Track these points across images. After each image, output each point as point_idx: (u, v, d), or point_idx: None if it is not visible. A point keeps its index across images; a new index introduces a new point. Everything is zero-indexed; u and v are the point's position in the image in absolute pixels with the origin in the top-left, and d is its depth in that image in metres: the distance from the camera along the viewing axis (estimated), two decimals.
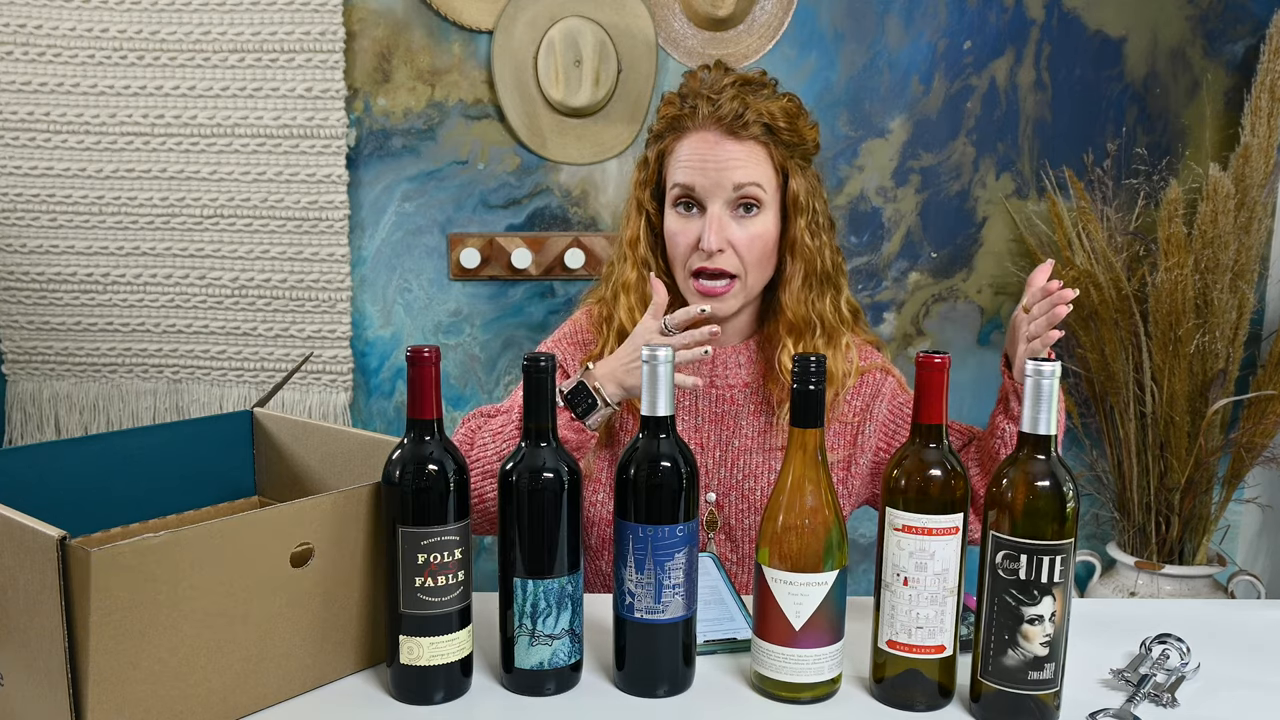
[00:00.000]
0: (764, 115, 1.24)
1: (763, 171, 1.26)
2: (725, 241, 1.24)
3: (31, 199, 2.11)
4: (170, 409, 2.21)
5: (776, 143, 1.26)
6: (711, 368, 1.33)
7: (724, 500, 1.32)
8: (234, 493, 1.23)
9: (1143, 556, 2.06)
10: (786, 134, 1.26)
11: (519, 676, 0.96)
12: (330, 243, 2.13)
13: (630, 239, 1.33)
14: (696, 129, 1.26)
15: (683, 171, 1.26)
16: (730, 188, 1.24)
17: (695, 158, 1.25)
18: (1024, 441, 0.90)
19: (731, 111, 1.23)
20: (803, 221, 1.29)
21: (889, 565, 0.93)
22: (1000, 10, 2.12)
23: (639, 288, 1.31)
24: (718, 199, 1.24)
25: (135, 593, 0.80)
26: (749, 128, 1.24)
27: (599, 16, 2.08)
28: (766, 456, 1.31)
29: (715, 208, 1.24)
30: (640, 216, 1.32)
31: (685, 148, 1.26)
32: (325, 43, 2.05)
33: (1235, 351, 2.00)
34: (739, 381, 1.33)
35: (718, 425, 1.33)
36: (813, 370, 0.92)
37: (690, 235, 1.26)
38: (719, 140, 1.24)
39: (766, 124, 1.24)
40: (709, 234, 1.23)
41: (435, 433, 0.93)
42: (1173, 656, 1.03)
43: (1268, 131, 1.99)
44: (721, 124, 1.24)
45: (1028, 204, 2.18)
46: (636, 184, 1.34)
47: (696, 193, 1.25)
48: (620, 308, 1.31)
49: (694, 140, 1.26)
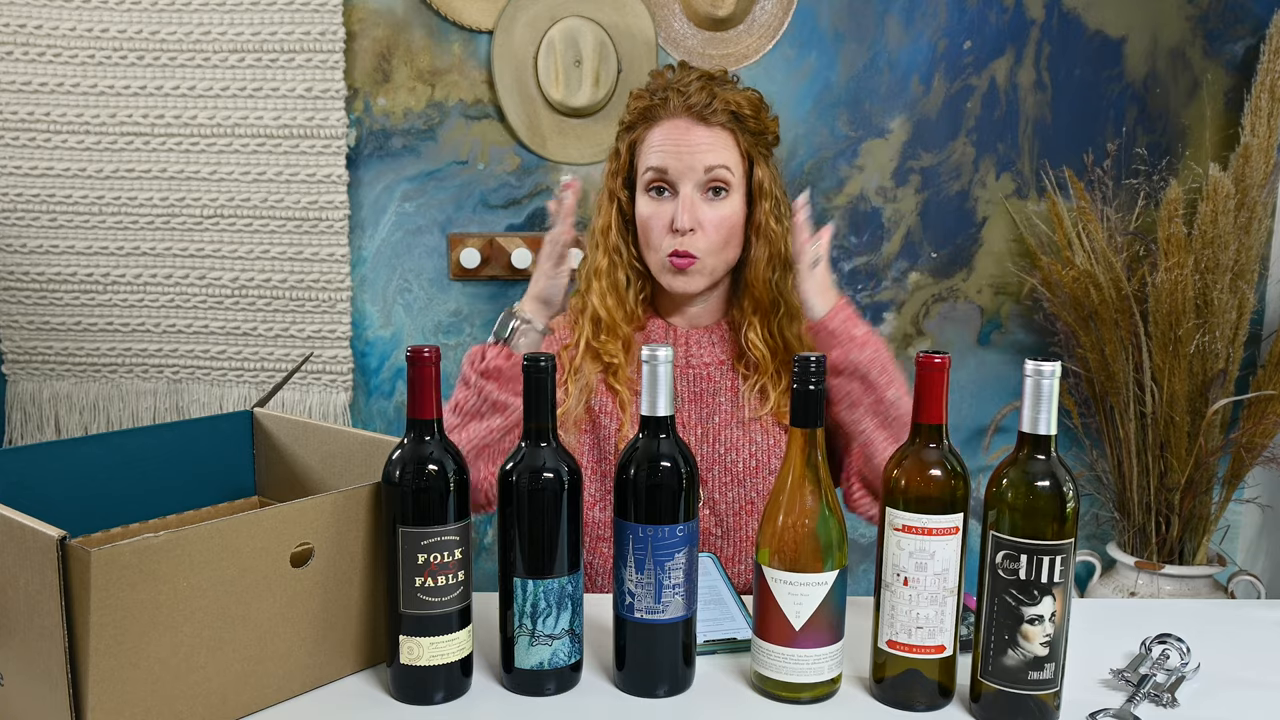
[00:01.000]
0: (731, 104, 1.31)
1: (731, 156, 1.32)
2: (696, 221, 1.31)
3: (31, 199, 2.11)
4: (170, 409, 2.21)
5: (743, 130, 1.33)
6: (686, 349, 1.39)
7: (707, 475, 1.35)
8: (234, 493, 1.23)
9: (1143, 556, 2.06)
10: (752, 122, 1.33)
11: (519, 676, 0.96)
12: (330, 243, 2.13)
13: (602, 227, 1.39)
14: (667, 117, 1.32)
15: (655, 156, 1.32)
16: (701, 170, 1.30)
17: (668, 142, 1.31)
18: (1024, 441, 0.90)
19: (700, 100, 1.30)
20: (767, 205, 1.35)
21: (889, 565, 0.93)
22: (1000, 10, 2.12)
23: (610, 274, 1.37)
24: (689, 181, 1.30)
25: (135, 593, 0.80)
26: (717, 114, 1.31)
27: (599, 16, 2.08)
28: (745, 430, 1.36)
29: (687, 189, 1.31)
30: (612, 205, 1.38)
31: (657, 135, 1.33)
32: (325, 43, 2.05)
33: (1235, 351, 2.00)
34: (714, 359, 1.39)
35: (697, 404, 1.37)
36: (813, 370, 0.92)
37: (664, 218, 1.32)
38: (689, 126, 1.31)
39: (733, 111, 1.31)
40: (682, 214, 1.30)
41: (435, 433, 0.93)
42: (1173, 656, 1.03)
43: (1268, 131, 1.99)
44: (691, 111, 1.31)
45: (1028, 204, 2.18)
46: (608, 175, 1.40)
47: (669, 175, 1.31)
48: (593, 294, 1.38)
49: (665, 127, 1.32)
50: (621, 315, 1.37)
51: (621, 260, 1.37)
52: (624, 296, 1.37)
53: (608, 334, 1.36)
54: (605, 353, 1.36)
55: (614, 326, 1.36)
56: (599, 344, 1.36)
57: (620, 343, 1.37)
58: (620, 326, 1.36)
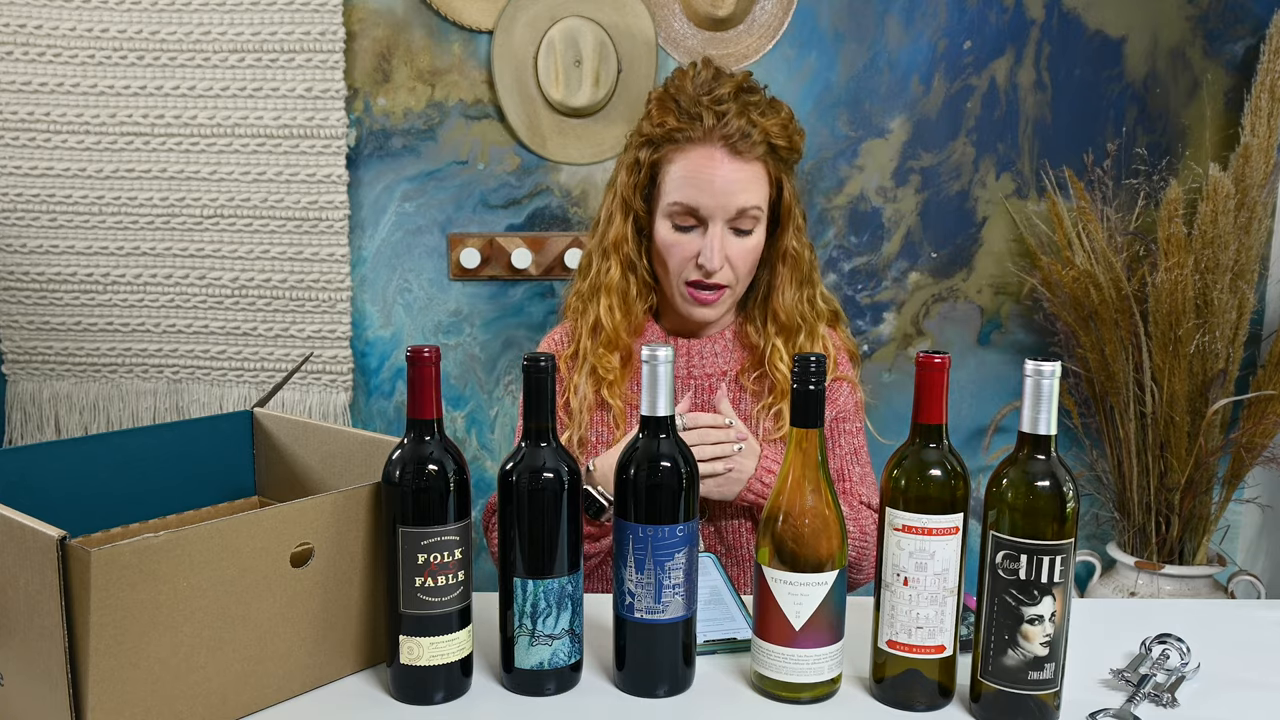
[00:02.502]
0: (769, 134, 1.25)
1: (762, 192, 1.28)
2: (724, 259, 1.27)
3: (31, 199, 2.11)
4: (170, 409, 2.21)
5: (776, 160, 1.29)
6: (688, 358, 1.36)
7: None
8: (234, 493, 1.23)
9: (1143, 556, 2.06)
10: (785, 151, 1.29)
11: (519, 676, 0.96)
12: (330, 243, 2.13)
13: (615, 239, 1.33)
14: (699, 143, 1.26)
15: (686, 190, 1.26)
16: (734, 210, 1.26)
17: (700, 178, 1.25)
18: (1024, 441, 0.90)
19: (738, 130, 1.23)
20: (792, 227, 1.32)
21: (889, 565, 0.93)
22: (1000, 10, 2.12)
23: (622, 288, 1.33)
24: (719, 219, 1.26)
25: (135, 593, 0.80)
26: (754, 148, 1.25)
27: (599, 16, 2.08)
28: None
29: (716, 228, 1.26)
30: (628, 219, 1.33)
31: (688, 164, 1.26)
32: (325, 43, 2.05)
33: (1235, 351, 2.00)
34: (716, 370, 1.36)
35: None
36: (813, 370, 0.92)
37: (688, 250, 1.28)
38: (724, 159, 1.25)
39: (770, 144, 1.26)
40: (712, 255, 1.25)
41: (435, 433, 0.93)
42: (1173, 656, 1.03)
43: (1268, 131, 1.99)
44: (727, 142, 1.24)
45: (1028, 204, 2.18)
46: (625, 185, 1.33)
47: (700, 213, 1.26)
48: (600, 306, 1.33)
49: (697, 157, 1.25)
50: (626, 327, 1.34)
51: (635, 275, 1.34)
52: (632, 309, 1.34)
53: (606, 346, 1.33)
54: (601, 367, 1.33)
55: (615, 339, 1.33)
56: (595, 358, 1.33)
57: (618, 355, 1.33)
58: (621, 338, 1.33)
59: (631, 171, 1.32)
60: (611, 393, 1.32)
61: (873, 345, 2.23)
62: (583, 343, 1.35)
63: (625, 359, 1.34)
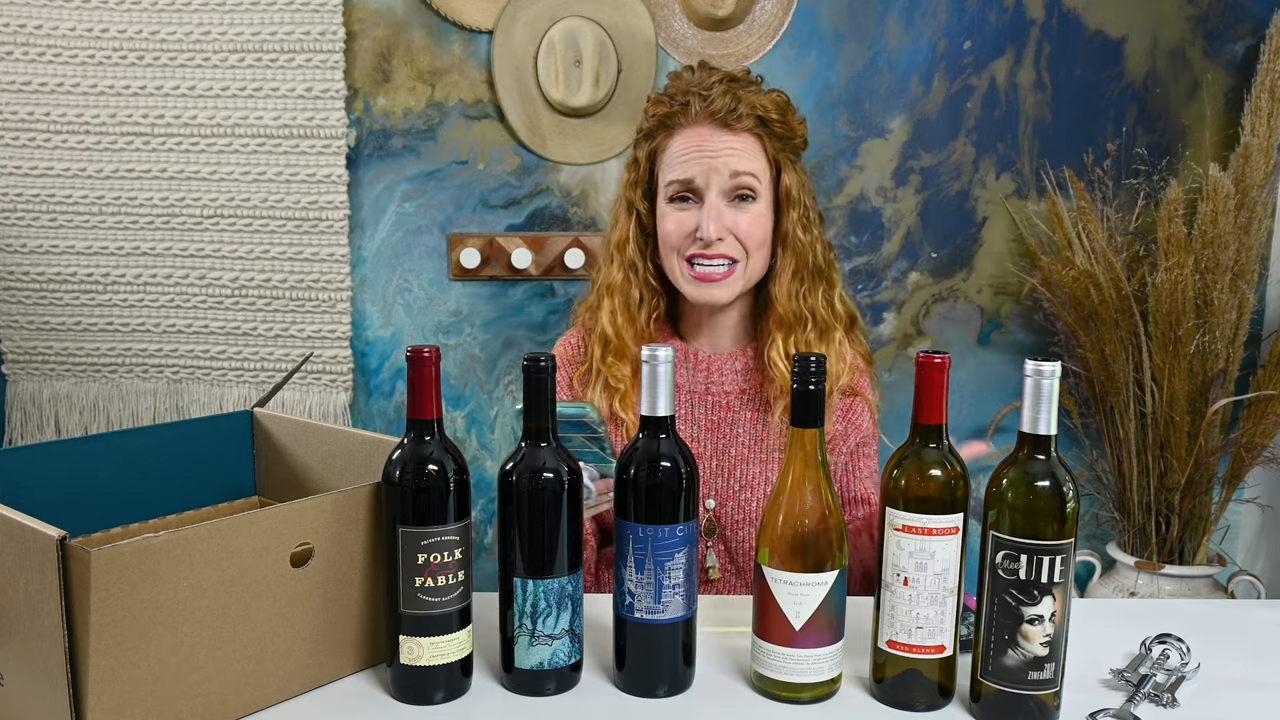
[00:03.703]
0: (756, 107, 1.24)
1: (757, 163, 1.25)
2: (724, 229, 1.24)
3: (31, 199, 2.11)
4: (170, 409, 2.21)
5: (769, 135, 1.26)
6: (708, 374, 1.33)
7: (721, 510, 1.31)
8: (234, 493, 1.23)
9: (1143, 556, 2.06)
10: (779, 126, 1.26)
11: (519, 676, 0.96)
12: (330, 243, 2.13)
13: (618, 241, 1.32)
14: (689, 124, 1.25)
15: (678, 167, 1.25)
16: (727, 175, 1.23)
17: (690, 150, 1.24)
18: (1024, 441, 0.90)
19: (724, 105, 1.23)
20: (795, 214, 1.29)
21: (889, 565, 0.93)
22: (1000, 10, 2.12)
23: (623, 290, 1.30)
24: (715, 188, 1.24)
25: (135, 593, 0.80)
26: (742, 119, 1.24)
27: (599, 16, 2.08)
28: (763, 467, 1.31)
29: (712, 197, 1.24)
30: (631, 218, 1.31)
31: (679, 143, 1.26)
32: (325, 43, 2.05)
33: (1235, 351, 2.00)
34: (734, 388, 1.33)
35: (714, 433, 1.32)
36: (813, 370, 0.92)
37: (687, 224, 1.25)
38: (713, 133, 1.24)
39: (759, 115, 1.24)
40: (708, 223, 1.22)
41: (435, 433, 0.93)
42: (1173, 656, 1.03)
43: (1268, 131, 1.99)
44: (715, 118, 1.24)
45: (1028, 204, 2.18)
46: (626, 184, 1.33)
47: (694, 184, 1.25)
48: (603, 311, 1.31)
49: (687, 135, 1.25)
50: (631, 334, 1.30)
51: (637, 276, 1.30)
52: (635, 315, 1.30)
53: (615, 356, 1.29)
54: (612, 377, 1.29)
55: (623, 348, 1.29)
56: (605, 367, 1.29)
57: (628, 364, 1.29)
58: (629, 347, 1.29)
59: (631, 169, 1.33)
60: (624, 405, 1.29)
61: (873, 345, 2.23)
62: (593, 354, 1.31)
63: (635, 369, 1.29)
